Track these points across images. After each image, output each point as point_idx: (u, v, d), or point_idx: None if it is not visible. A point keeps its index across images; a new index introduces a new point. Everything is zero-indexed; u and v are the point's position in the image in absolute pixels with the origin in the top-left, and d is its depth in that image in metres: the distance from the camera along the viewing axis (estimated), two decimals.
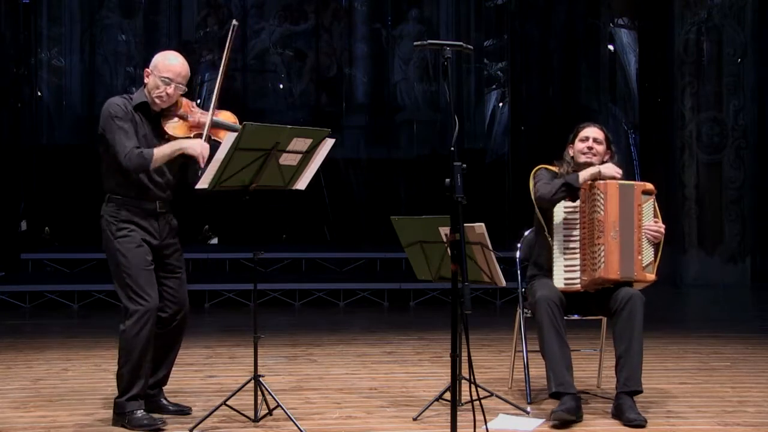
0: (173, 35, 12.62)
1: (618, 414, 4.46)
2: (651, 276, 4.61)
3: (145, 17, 12.80)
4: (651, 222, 4.64)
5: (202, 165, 4.27)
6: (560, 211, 4.67)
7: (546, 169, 4.82)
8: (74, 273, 9.91)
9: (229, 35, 4.44)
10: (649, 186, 4.71)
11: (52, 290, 8.86)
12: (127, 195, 4.40)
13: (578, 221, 4.64)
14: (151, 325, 4.35)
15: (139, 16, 12.77)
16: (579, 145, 4.77)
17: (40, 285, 9.04)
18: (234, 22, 4.50)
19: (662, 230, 4.64)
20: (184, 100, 4.50)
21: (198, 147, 4.31)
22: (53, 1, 12.44)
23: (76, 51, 12.55)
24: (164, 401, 4.64)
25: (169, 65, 4.39)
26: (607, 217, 4.56)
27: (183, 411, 4.63)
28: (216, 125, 4.44)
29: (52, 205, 11.54)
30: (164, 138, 4.43)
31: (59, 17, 12.53)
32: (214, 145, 4.29)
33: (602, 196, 4.57)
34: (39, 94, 12.10)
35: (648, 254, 4.61)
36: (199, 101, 12.87)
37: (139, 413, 4.35)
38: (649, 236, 4.61)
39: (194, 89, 12.16)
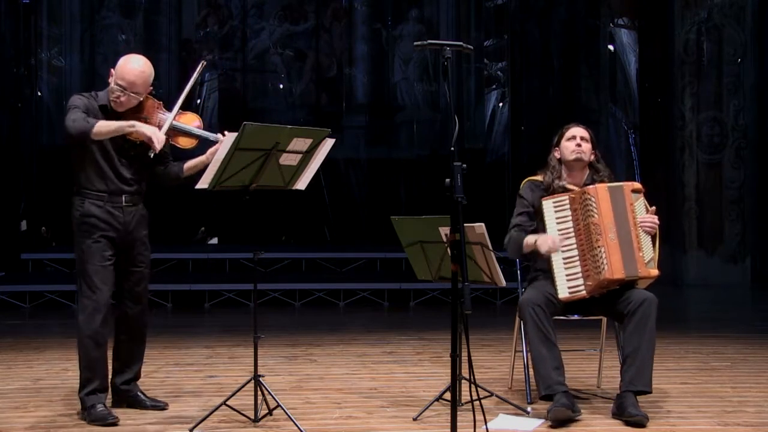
0: (173, 35, 12.63)
1: (619, 411, 4.46)
2: (654, 271, 4.61)
3: (145, 17, 12.80)
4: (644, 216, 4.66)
5: (157, 148, 4.29)
6: (552, 222, 4.66)
7: (531, 182, 4.85)
8: (74, 273, 9.88)
9: (197, 71, 4.53)
10: (637, 185, 4.73)
11: (52, 290, 8.86)
12: (93, 189, 4.45)
13: (572, 229, 4.63)
14: (102, 320, 4.41)
15: (139, 16, 12.78)
16: (567, 144, 4.80)
17: (40, 285, 9.03)
18: (203, 62, 4.62)
19: (656, 220, 4.65)
20: (150, 101, 4.50)
21: (148, 131, 4.31)
22: (53, 1, 12.44)
23: (76, 51, 12.55)
24: (141, 395, 4.69)
25: (125, 72, 4.40)
26: (603, 219, 4.56)
27: (159, 406, 4.67)
28: (175, 129, 4.46)
29: (52, 205, 11.53)
30: (125, 139, 4.42)
31: (59, 17, 12.53)
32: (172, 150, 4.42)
33: (593, 200, 4.58)
34: (39, 94, 12.10)
35: (648, 250, 4.61)
36: (198, 101, 12.90)
37: (99, 407, 4.42)
38: (645, 228, 4.61)
39: (194, 89, 12.15)
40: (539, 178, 4.85)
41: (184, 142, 4.51)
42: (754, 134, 10.83)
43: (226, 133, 4.24)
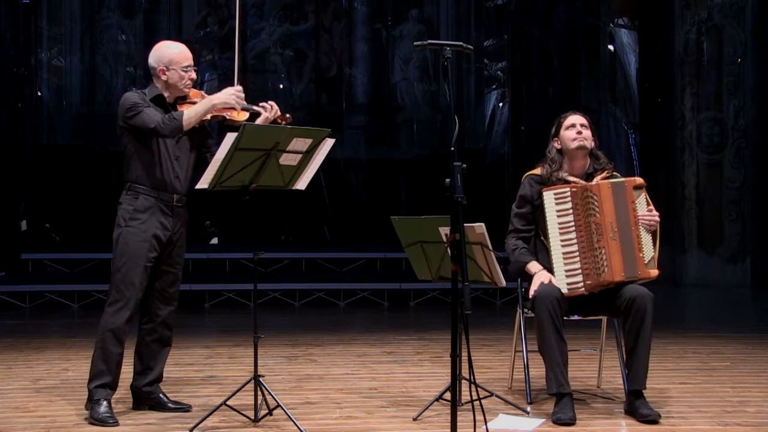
0: (173, 35, 12.63)
1: (631, 411, 4.50)
2: (654, 272, 4.57)
3: (145, 17, 12.82)
4: (644, 212, 4.63)
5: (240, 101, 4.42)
6: (553, 214, 4.62)
7: (531, 177, 4.80)
8: (74, 273, 9.90)
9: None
10: (639, 180, 4.68)
11: (52, 290, 8.86)
12: (148, 185, 4.45)
13: (573, 224, 4.59)
14: (128, 318, 4.40)
15: (139, 16, 12.79)
16: (567, 133, 4.72)
17: (40, 285, 9.03)
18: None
19: (657, 218, 4.61)
20: (193, 89, 4.60)
21: (227, 96, 4.42)
22: (53, 1, 12.45)
23: (76, 51, 12.56)
24: (163, 398, 4.65)
25: (182, 55, 4.52)
26: (604, 219, 4.54)
27: (182, 408, 4.64)
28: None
29: (52, 205, 11.55)
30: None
31: (59, 17, 12.55)
32: (230, 127, 4.38)
33: (596, 198, 4.56)
34: (39, 94, 12.11)
35: (648, 249, 4.58)
36: None
37: (103, 404, 4.38)
38: (644, 224, 4.59)
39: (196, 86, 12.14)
40: (538, 171, 4.79)
41: (239, 115, 4.52)
42: (754, 134, 10.83)
43: (271, 103, 4.51)
